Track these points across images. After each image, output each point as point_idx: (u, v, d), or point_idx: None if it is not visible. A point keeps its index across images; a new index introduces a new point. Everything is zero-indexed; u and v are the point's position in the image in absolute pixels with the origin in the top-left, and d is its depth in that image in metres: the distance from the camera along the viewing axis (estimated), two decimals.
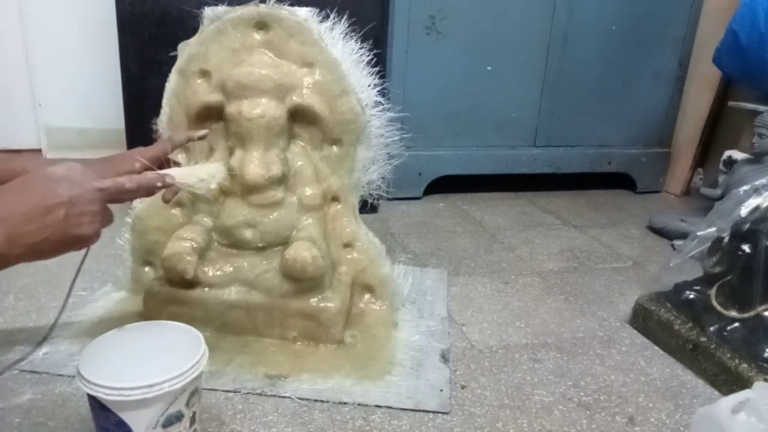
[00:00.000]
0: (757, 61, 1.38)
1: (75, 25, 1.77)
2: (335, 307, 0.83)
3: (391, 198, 1.54)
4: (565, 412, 0.73)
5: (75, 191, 0.50)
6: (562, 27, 1.65)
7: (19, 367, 0.76)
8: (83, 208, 0.50)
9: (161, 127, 0.91)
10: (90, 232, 0.52)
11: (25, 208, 0.48)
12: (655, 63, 1.78)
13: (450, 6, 1.54)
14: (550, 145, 1.78)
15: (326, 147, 0.90)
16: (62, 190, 0.49)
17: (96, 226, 0.52)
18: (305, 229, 0.87)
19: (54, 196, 0.49)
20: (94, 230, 0.52)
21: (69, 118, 1.86)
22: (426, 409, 0.72)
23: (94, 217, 0.52)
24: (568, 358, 0.87)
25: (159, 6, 1.26)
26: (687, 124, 1.86)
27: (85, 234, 0.51)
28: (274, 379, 0.76)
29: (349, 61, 0.87)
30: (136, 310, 0.90)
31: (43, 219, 0.48)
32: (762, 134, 1.32)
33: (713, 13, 1.74)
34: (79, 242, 0.52)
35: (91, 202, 0.51)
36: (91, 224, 0.51)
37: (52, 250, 0.50)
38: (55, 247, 0.50)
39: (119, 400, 0.53)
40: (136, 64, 1.30)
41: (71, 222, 0.50)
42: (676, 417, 0.74)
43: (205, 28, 0.86)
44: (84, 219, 0.51)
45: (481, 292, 1.08)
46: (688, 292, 0.90)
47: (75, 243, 0.52)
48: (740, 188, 0.98)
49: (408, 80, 1.57)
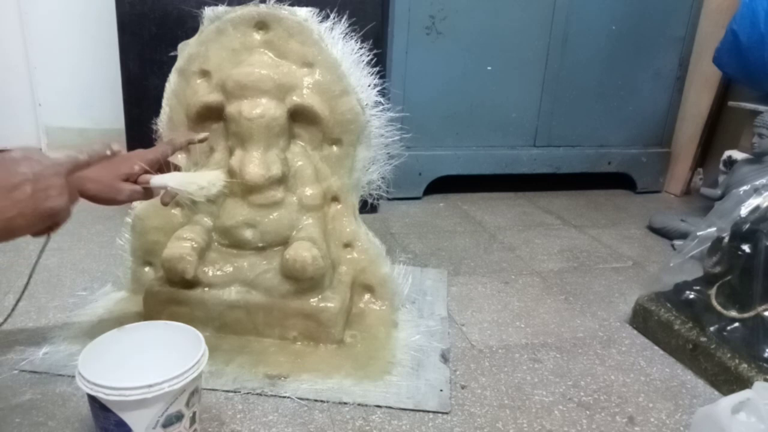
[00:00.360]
0: (757, 61, 1.38)
1: (75, 25, 1.77)
2: (335, 307, 0.83)
3: (391, 198, 1.55)
4: (565, 412, 0.73)
5: (36, 167, 0.52)
6: (562, 27, 1.65)
7: (19, 367, 0.76)
8: (48, 182, 0.52)
9: (161, 127, 0.91)
10: (60, 204, 0.53)
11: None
12: (655, 63, 1.78)
13: (450, 6, 1.54)
14: (550, 145, 1.78)
15: (326, 147, 0.90)
16: (24, 168, 0.51)
17: (64, 198, 0.54)
18: (305, 229, 0.87)
19: (17, 174, 0.51)
20: (63, 202, 0.54)
21: (69, 118, 1.86)
22: (426, 409, 0.72)
23: (62, 190, 0.54)
24: (568, 358, 0.87)
25: (159, 6, 1.26)
26: (687, 124, 1.86)
27: (56, 206, 0.53)
28: (274, 379, 0.76)
29: (349, 61, 0.87)
30: (136, 310, 0.90)
31: (11, 195, 0.50)
32: (762, 134, 1.32)
33: (713, 13, 1.74)
34: (51, 215, 0.53)
35: (54, 175, 0.53)
36: (60, 196, 0.53)
37: (27, 224, 0.52)
38: (30, 221, 0.52)
39: (119, 400, 0.53)
40: (136, 64, 1.30)
41: (39, 196, 0.52)
42: (676, 417, 0.74)
43: (205, 28, 0.86)
44: (51, 192, 0.53)
45: (481, 292, 1.08)
46: (688, 292, 0.90)
47: (47, 216, 0.53)
48: (740, 188, 0.98)
49: (408, 80, 1.57)
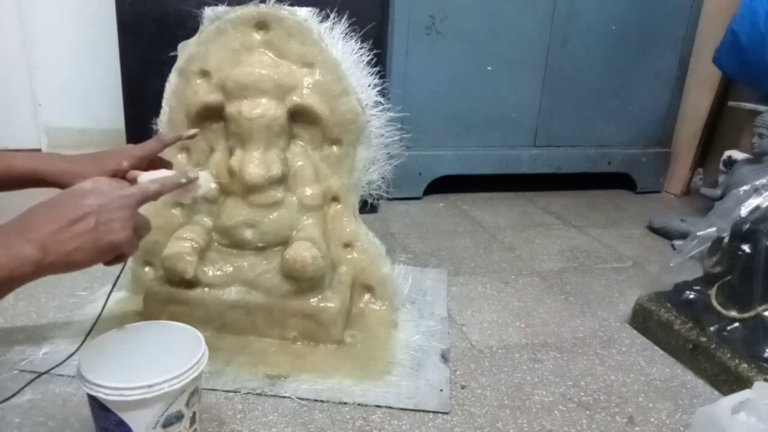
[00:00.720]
0: (757, 61, 1.38)
1: (75, 25, 1.77)
2: (335, 307, 0.83)
3: (391, 198, 1.54)
4: (565, 412, 0.73)
5: (102, 200, 0.52)
6: (562, 27, 1.65)
7: (19, 367, 0.76)
8: (112, 215, 0.53)
9: (161, 127, 0.91)
10: (121, 238, 0.53)
11: (55, 219, 0.50)
12: (655, 63, 1.77)
13: (450, 6, 1.54)
14: (550, 145, 1.78)
15: (326, 147, 0.90)
16: (90, 201, 0.52)
17: (127, 232, 0.54)
18: (305, 229, 0.87)
19: (83, 206, 0.51)
20: (126, 236, 0.54)
21: (69, 118, 1.86)
22: (426, 409, 0.72)
23: (125, 223, 0.54)
24: (568, 358, 0.87)
25: (159, 6, 1.26)
26: (687, 124, 1.86)
27: (117, 240, 0.53)
28: (274, 379, 0.76)
29: (349, 61, 0.87)
30: (136, 310, 0.90)
31: (74, 228, 0.50)
32: (762, 134, 1.32)
33: (713, 13, 1.74)
34: (111, 249, 0.53)
35: (119, 209, 0.53)
36: (122, 230, 0.53)
37: (86, 258, 0.52)
38: (89, 254, 0.52)
39: (119, 400, 0.53)
40: (136, 64, 1.30)
41: (101, 229, 0.52)
42: (676, 417, 0.74)
43: (205, 28, 0.86)
44: (114, 225, 0.53)
45: (481, 292, 1.08)
46: (688, 292, 0.90)
47: (108, 250, 0.53)
48: (740, 188, 0.98)
49: (408, 80, 1.57)
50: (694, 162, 1.85)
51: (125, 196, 0.55)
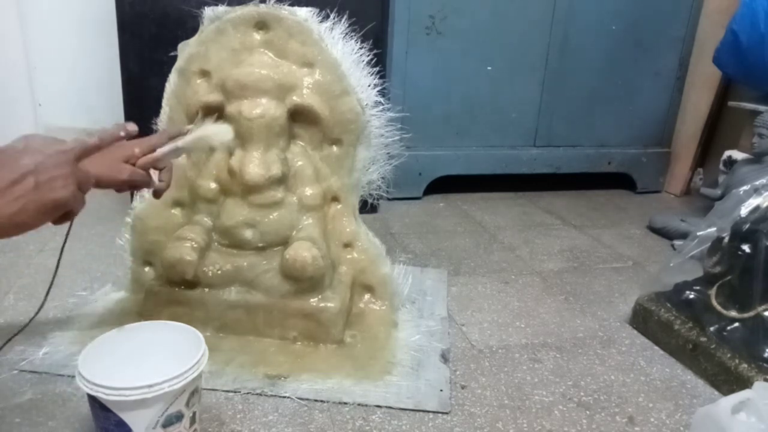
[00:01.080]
0: (757, 61, 1.38)
1: (75, 25, 1.77)
2: (335, 307, 0.83)
3: (391, 198, 1.54)
4: (565, 412, 0.73)
5: (39, 158, 0.50)
6: (562, 27, 1.65)
7: (19, 367, 0.76)
8: (52, 173, 0.50)
9: (161, 127, 0.91)
10: (65, 195, 0.51)
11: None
12: (655, 63, 1.77)
13: (450, 6, 1.54)
14: (550, 145, 1.78)
15: (326, 147, 0.90)
16: (26, 160, 0.49)
17: (71, 189, 0.52)
18: (305, 229, 0.87)
19: (18, 167, 0.49)
20: (70, 192, 0.52)
21: (69, 118, 1.85)
22: (426, 409, 0.72)
23: (67, 180, 0.51)
24: (568, 358, 0.87)
25: (159, 6, 1.26)
26: (687, 124, 1.86)
27: (61, 198, 0.51)
28: (274, 379, 0.76)
29: (349, 61, 0.87)
30: (136, 310, 0.90)
31: (13, 190, 0.48)
32: (762, 134, 1.32)
33: (713, 13, 1.74)
34: (56, 207, 0.51)
35: (58, 165, 0.51)
36: (65, 188, 0.51)
37: (31, 219, 0.50)
38: (33, 216, 0.50)
39: (119, 400, 0.53)
40: (136, 64, 1.30)
41: (43, 189, 0.50)
42: (676, 417, 0.74)
43: (205, 28, 0.86)
44: (56, 183, 0.50)
45: (481, 292, 1.08)
46: (688, 292, 0.90)
47: (53, 209, 0.51)
48: (740, 188, 0.98)
49: (408, 80, 1.57)
50: (694, 162, 1.85)
51: (62, 151, 0.52)
